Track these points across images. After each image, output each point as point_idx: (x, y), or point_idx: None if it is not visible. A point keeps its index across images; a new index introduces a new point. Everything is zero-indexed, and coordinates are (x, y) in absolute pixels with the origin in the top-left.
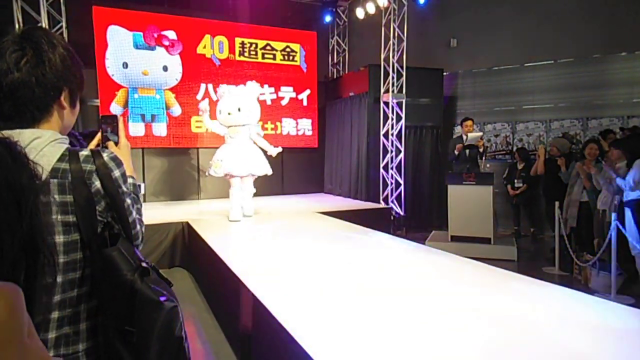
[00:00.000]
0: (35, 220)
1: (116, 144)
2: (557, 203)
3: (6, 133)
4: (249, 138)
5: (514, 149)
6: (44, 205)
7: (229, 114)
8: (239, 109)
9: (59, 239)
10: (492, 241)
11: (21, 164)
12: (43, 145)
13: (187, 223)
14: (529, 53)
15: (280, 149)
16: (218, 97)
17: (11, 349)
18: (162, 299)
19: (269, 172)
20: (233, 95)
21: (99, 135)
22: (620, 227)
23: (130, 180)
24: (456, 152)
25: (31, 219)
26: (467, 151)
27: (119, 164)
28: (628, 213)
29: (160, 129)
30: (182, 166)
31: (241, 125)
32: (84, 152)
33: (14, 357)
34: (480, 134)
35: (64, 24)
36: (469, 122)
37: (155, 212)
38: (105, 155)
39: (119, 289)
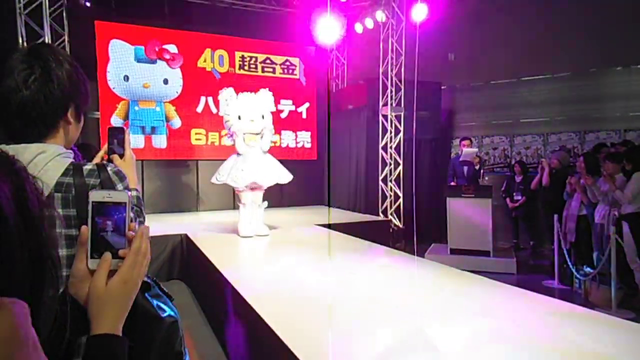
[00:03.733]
0: (40, 234)
1: (121, 156)
2: (556, 216)
3: (12, 148)
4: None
5: (512, 162)
6: (49, 219)
7: (251, 121)
8: (262, 117)
9: (62, 252)
10: (491, 254)
11: (22, 179)
12: (47, 159)
13: (186, 235)
14: (526, 67)
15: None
16: (223, 100)
17: None
18: (162, 314)
19: (290, 177)
20: (253, 101)
21: (105, 147)
22: (619, 240)
23: (133, 193)
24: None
25: (36, 233)
26: (465, 168)
27: (122, 177)
28: (625, 227)
29: (160, 141)
30: (181, 178)
31: (261, 133)
32: (88, 167)
33: None
34: (476, 150)
35: (66, 38)
36: (467, 142)
37: (154, 224)
38: (109, 169)
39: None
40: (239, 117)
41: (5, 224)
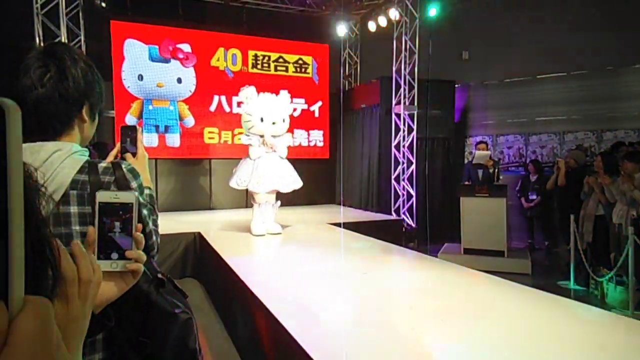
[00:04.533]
0: (39, 220)
1: (134, 155)
2: (572, 216)
3: (28, 146)
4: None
5: (527, 161)
6: (65, 217)
7: (273, 123)
8: (283, 120)
9: None
10: (505, 254)
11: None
12: (63, 157)
13: (199, 234)
14: (542, 65)
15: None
16: (243, 99)
17: None
18: (176, 310)
19: (301, 183)
20: (276, 103)
21: (118, 145)
22: (638, 241)
23: (147, 192)
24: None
25: (36, 219)
26: (480, 172)
27: (136, 175)
28: None
29: (173, 139)
30: (194, 177)
31: (281, 135)
32: (103, 164)
33: None
34: (489, 153)
35: (82, 37)
36: (482, 145)
37: (167, 223)
38: (124, 167)
39: (135, 300)
40: (262, 120)
41: None
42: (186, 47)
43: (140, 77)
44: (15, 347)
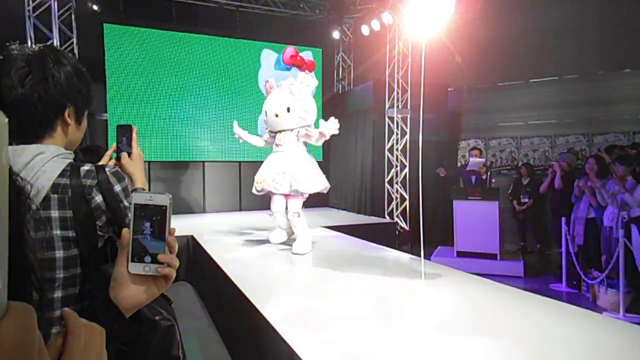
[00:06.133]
0: (24, 239)
1: (129, 155)
2: (563, 219)
3: (10, 149)
4: (301, 145)
5: (519, 164)
6: (45, 221)
7: (276, 115)
8: (287, 109)
9: (59, 254)
10: (498, 257)
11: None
12: (45, 160)
13: (192, 237)
14: (534, 69)
15: (336, 124)
16: (266, 92)
17: None
18: (157, 317)
19: (327, 185)
20: (282, 91)
21: (114, 146)
22: (628, 244)
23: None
24: (441, 173)
25: (20, 237)
26: (473, 178)
27: (120, 178)
28: (635, 230)
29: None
30: (187, 179)
31: (290, 129)
32: (86, 167)
33: None
34: (483, 160)
35: (74, 40)
36: (476, 152)
37: None
38: (107, 170)
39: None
40: (265, 113)
41: None
42: None
43: None
44: None
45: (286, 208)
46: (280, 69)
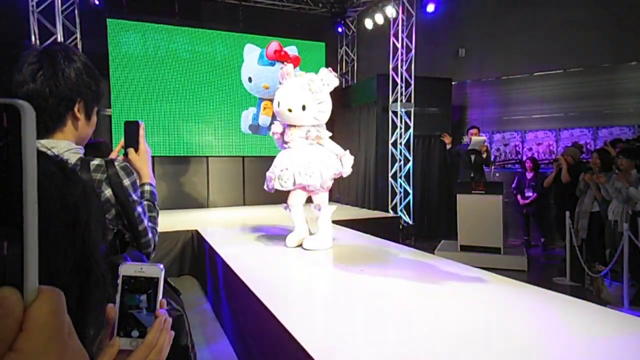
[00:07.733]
0: (88, 240)
1: (136, 150)
2: (567, 213)
3: None
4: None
5: (524, 158)
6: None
7: (289, 110)
8: (303, 107)
9: None
10: (502, 251)
11: (74, 181)
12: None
13: (197, 231)
14: (538, 62)
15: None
16: (280, 76)
17: (53, 346)
18: (166, 308)
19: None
20: (300, 84)
21: (122, 141)
22: (633, 237)
23: (147, 188)
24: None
25: (84, 240)
26: (473, 157)
27: (129, 173)
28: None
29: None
30: (191, 174)
31: (300, 126)
32: (95, 162)
33: (56, 354)
34: (484, 138)
35: (78, 35)
36: (475, 130)
37: (165, 220)
38: (117, 165)
39: None
40: (278, 104)
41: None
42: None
43: None
44: (31, 332)
45: (308, 202)
46: (264, 64)
